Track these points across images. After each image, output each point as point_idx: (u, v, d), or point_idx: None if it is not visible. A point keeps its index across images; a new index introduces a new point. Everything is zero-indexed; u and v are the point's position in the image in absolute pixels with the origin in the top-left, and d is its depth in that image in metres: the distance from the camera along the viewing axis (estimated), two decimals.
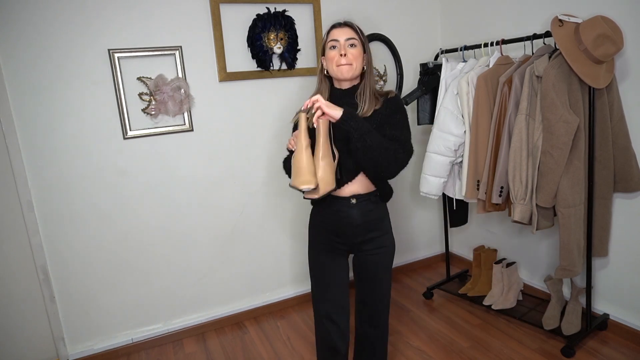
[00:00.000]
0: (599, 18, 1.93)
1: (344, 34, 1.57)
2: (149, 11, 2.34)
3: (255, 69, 2.61)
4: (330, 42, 1.59)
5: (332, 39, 1.58)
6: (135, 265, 2.49)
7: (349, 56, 1.57)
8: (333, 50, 1.58)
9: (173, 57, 2.41)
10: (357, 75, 1.62)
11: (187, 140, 2.51)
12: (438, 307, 2.77)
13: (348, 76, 1.58)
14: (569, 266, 2.07)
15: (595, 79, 1.95)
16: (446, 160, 2.44)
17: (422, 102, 2.72)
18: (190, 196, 2.57)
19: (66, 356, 2.40)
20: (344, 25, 1.59)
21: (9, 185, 2.20)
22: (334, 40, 1.58)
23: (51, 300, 2.32)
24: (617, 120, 2.10)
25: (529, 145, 2.06)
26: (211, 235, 2.65)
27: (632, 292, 2.24)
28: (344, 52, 1.56)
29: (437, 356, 2.27)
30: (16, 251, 2.25)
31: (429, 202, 3.32)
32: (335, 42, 1.58)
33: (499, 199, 2.19)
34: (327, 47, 1.60)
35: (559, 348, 2.22)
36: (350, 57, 1.57)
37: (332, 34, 1.59)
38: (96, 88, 2.29)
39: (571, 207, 2.03)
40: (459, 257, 3.34)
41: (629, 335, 2.25)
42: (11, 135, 2.16)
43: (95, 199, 2.36)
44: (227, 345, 2.54)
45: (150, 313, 2.57)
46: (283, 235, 2.85)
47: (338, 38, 1.57)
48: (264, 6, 2.55)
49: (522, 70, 2.12)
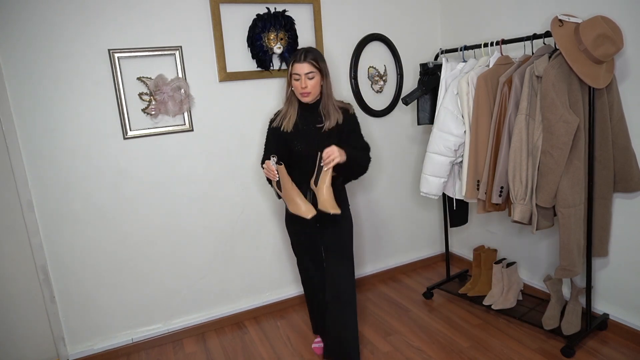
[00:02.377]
0: (599, 18, 1.93)
1: (304, 69, 1.95)
2: (149, 11, 2.34)
3: (255, 69, 2.61)
4: (294, 75, 1.98)
5: (295, 72, 1.97)
6: (135, 265, 2.49)
7: (308, 87, 1.97)
8: (297, 81, 1.98)
9: (173, 57, 2.41)
10: (316, 95, 2.03)
11: (187, 140, 2.51)
12: (438, 307, 2.77)
13: (309, 100, 2.02)
14: (569, 266, 2.07)
15: (595, 79, 1.95)
16: (446, 160, 2.44)
17: (422, 102, 2.72)
18: (190, 196, 2.57)
19: (66, 356, 2.40)
20: (303, 61, 1.95)
21: (9, 185, 2.20)
22: (296, 74, 1.97)
23: (51, 300, 2.32)
24: (617, 120, 2.10)
25: (529, 145, 2.06)
26: (211, 235, 2.65)
27: (632, 292, 2.24)
28: (305, 85, 1.96)
29: (437, 356, 2.27)
30: (16, 251, 2.25)
31: (429, 202, 3.32)
32: (297, 75, 1.97)
33: (499, 199, 2.19)
34: (292, 78, 1.99)
35: (558, 348, 2.22)
36: (309, 87, 1.98)
37: (295, 67, 1.96)
38: (96, 88, 2.29)
39: (571, 207, 2.03)
40: (459, 257, 3.34)
41: (629, 335, 2.25)
42: (11, 135, 2.16)
43: (95, 199, 2.36)
44: (227, 345, 2.54)
45: (150, 313, 2.57)
46: (283, 235, 2.85)
47: (299, 72, 1.96)
48: (264, 6, 2.55)
49: (522, 70, 2.12)
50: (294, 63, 1.97)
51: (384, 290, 3.05)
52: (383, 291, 3.03)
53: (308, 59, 1.95)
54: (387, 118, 3.07)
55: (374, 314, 2.72)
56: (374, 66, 2.97)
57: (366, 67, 2.94)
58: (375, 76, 2.98)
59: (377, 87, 3.00)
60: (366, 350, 2.37)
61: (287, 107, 2.09)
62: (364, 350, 2.36)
